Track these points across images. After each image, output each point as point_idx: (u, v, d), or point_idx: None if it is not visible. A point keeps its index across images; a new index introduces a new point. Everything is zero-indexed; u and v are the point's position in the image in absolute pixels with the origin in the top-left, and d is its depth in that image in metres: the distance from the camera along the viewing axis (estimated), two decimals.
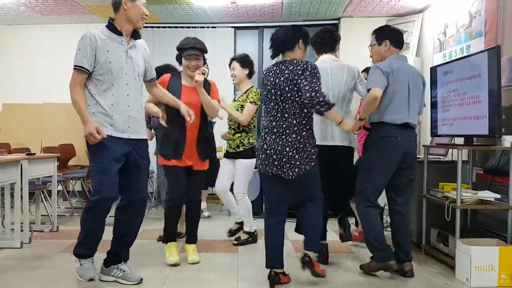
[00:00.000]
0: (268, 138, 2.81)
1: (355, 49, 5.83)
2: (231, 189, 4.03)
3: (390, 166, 3.03)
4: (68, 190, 5.93)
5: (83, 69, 2.67)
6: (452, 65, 3.58)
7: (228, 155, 3.99)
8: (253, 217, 3.94)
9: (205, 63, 3.96)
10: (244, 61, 3.92)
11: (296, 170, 2.75)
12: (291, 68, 2.77)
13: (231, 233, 4.12)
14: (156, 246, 3.81)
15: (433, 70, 3.83)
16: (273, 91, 2.81)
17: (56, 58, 6.49)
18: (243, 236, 3.99)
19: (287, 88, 2.75)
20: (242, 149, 3.86)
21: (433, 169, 3.69)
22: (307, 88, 2.67)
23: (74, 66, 2.69)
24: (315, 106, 2.67)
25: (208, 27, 6.36)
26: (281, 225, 2.88)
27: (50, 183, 4.54)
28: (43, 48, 6.60)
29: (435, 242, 3.56)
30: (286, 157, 2.74)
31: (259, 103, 3.80)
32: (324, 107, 2.67)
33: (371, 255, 3.11)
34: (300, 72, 2.72)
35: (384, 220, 3.88)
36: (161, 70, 4.02)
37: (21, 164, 3.79)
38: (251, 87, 3.94)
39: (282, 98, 2.77)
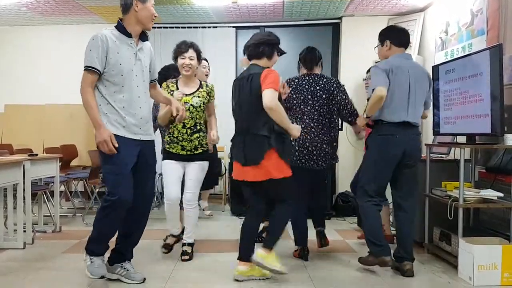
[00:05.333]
0: (308, 137, 3.32)
1: (357, 48, 5.84)
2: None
3: (388, 163, 3.07)
4: (70, 191, 5.96)
5: (94, 69, 2.66)
6: (454, 63, 3.57)
7: (179, 157, 3.42)
8: None
9: (205, 60, 3.94)
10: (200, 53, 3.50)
11: (326, 161, 3.39)
12: (324, 80, 3.39)
13: (169, 249, 3.62)
14: (159, 246, 3.80)
15: (435, 68, 3.82)
16: (309, 96, 3.35)
17: (57, 59, 6.50)
18: (189, 249, 3.49)
19: (323, 96, 3.35)
20: (201, 150, 3.44)
21: (436, 168, 3.69)
22: (346, 101, 3.38)
23: (85, 66, 2.66)
24: (351, 117, 3.41)
25: (209, 27, 6.35)
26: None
27: (52, 183, 4.56)
28: (45, 49, 6.59)
29: (437, 241, 3.55)
30: (324, 152, 3.36)
31: None
32: (355, 117, 3.40)
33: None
34: (335, 85, 3.38)
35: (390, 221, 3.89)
36: (166, 70, 4.02)
37: (24, 165, 3.79)
38: (205, 83, 3.57)
39: (318, 104, 3.35)
